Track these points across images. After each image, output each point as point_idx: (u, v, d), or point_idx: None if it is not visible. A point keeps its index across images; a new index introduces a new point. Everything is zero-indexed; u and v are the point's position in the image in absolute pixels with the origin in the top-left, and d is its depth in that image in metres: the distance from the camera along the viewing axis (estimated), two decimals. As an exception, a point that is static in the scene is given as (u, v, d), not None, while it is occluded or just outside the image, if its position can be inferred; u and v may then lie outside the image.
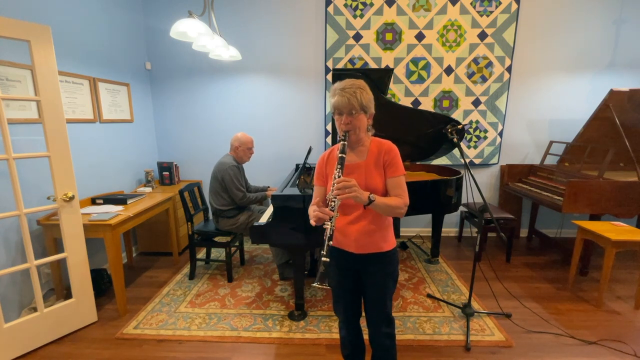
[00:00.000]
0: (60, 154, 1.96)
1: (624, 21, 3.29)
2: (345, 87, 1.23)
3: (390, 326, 1.43)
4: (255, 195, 2.80)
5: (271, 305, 2.43)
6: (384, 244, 1.35)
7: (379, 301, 1.39)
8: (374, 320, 1.43)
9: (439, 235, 3.14)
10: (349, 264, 1.38)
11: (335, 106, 1.26)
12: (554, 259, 3.21)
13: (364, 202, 1.19)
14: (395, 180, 1.30)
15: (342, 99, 1.23)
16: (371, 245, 1.33)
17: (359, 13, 3.31)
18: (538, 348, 1.96)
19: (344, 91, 1.22)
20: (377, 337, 1.44)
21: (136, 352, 1.95)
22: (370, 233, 1.32)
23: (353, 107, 1.23)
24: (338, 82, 1.28)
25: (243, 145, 2.76)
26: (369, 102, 1.27)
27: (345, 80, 1.27)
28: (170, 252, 3.21)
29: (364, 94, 1.24)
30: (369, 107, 1.27)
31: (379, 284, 1.37)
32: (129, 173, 3.25)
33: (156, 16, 3.40)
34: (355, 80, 1.27)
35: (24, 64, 2.11)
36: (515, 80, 3.44)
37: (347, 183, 1.15)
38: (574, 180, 2.67)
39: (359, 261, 1.36)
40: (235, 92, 3.56)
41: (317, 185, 1.42)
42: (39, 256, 2.04)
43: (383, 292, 1.38)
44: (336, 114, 1.28)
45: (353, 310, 1.49)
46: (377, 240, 1.33)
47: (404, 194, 1.30)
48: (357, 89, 1.23)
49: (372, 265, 1.36)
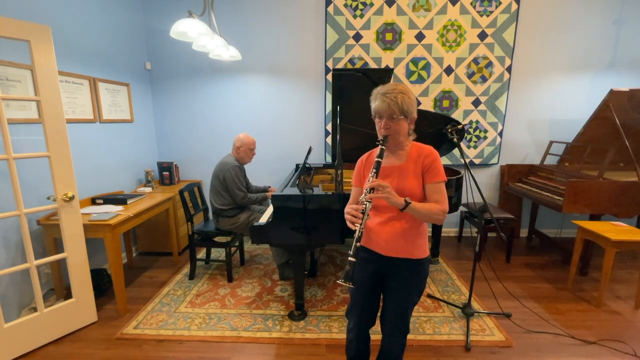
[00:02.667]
0: (60, 154, 1.96)
1: (624, 21, 3.29)
2: (387, 91, 1.23)
3: (405, 337, 1.40)
4: (257, 196, 2.79)
5: (271, 305, 2.43)
6: (415, 250, 1.30)
7: (399, 312, 1.35)
8: (390, 329, 1.39)
9: (439, 235, 3.13)
10: (375, 265, 1.34)
11: (375, 110, 1.26)
12: (554, 259, 3.21)
13: (400, 205, 1.18)
14: (434, 186, 1.27)
15: (382, 104, 1.22)
16: (401, 249, 1.29)
17: (359, 13, 3.31)
18: (538, 348, 1.97)
19: (385, 96, 1.22)
20: (390, 345, 1.41)
21: (136, 352, 1.95)
22: (402, 236, 1.28)
23: (393, 112, 1.22)
24: (381, 86, 1.27)
25: (245, 146, 2.75)
26: (410, 106, 1.24)
27: (388, 84, 1.27)
28: (170, 252, 3.21)
29: (405, 99, 1.23)
30: (410, 112, 1.25)
31: (403, 293, 1.33)
32: (129, 173, 3.25)
33: (156, 16, 3.40)
34: (398, 84, 1.27)
35: (24, 64, 2.11)
36: (515, 80, 3.44)
37: (381, 184, 1.15)
38: (574, 180, 2.67)
39: (386, 264, 1.32)
40: (235, 92, 3.56)
41: (354, 186, 1.42)
42: (39, 256, 2.04)
43: (405, 304, 1.34)
44: (376, 118, 1.28)
45: (367, 316, 1.45)
46: (408, 245, 1.29)
47: (444, 200, 1.26)
48: (399, 94, 1.22)
49: (399, 272, 1.32)
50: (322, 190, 2.39)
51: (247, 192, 2.81)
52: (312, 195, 2.06)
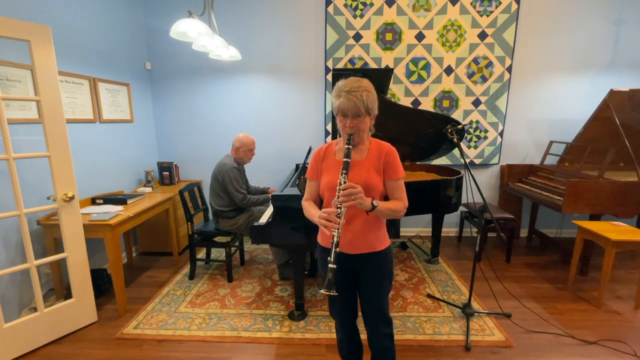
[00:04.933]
0: (60, 154, 1.96)
1: (624, 21, 3.29)
2: (351, 89, 1.19)
3: (388, 326, 1.42)
4: (257, 198, 2.77)
5: (271, 305, 2.43)
6: (378, 243, 1.34)
7: (375, 302, 1.39)
8: (371, 321, 1.42)
9: (439, 235, 3.14)
10: (345, 265, 1.36)
11: (340, 108, 1.23)
12: (554, 259, 3.21)
13: (368, 208, 1.19)
14: (395, 182, 1.30)
15: (348, 102, 1.19)
16: (366, 245, 1.33)
17: (359, 13, 3.31)
18: (538, 348, 1.96)
19: (350, 94, 1.19)
20: (376, 338, 1.43)
21: (136, 352, 1.95)
22: (365, 234, 1.31)
23: (359, 110, 1.20)
24: (343, 82, 1.23)
25: (244, 146, 2.75)
26: (373, 103, 1.24)
27: (351, 80, 1.22)
28: (170, 252, 3.21)
29: (370, 96, 1.21)
30: (373, 109, 1.25)
31: (374, 284, 1.37)
32: (129, 173, 3.25)
33: (156, 16, 3.40)
34: (361, 80, 1.22)
35: (24, 64, 2.11)
36: (515, 80, 3.44)
37: (354, 190, 1.14)
38: (574, 180, 2.67)
39: (354, 262, 1.35)
40: (235, 92, 3.56)
41: (310, 179, 1.41)
42: (39, 256, 2.04)
43: (379, 292, 1.38)
44: (339, 115, 1.26)
45: (349, 311, 1.48)
46: (371, 240, 1.33)
47: (404, 196, 1.31)
48: (364, 92, 1.20)
49: (367, 266, 1.36)
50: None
51: (247, 192, 2.80)
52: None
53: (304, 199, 1.44)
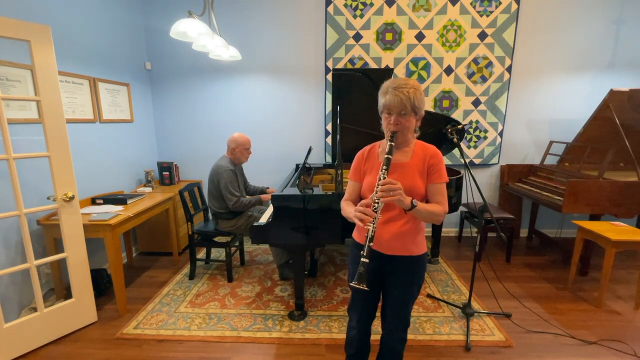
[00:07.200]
0: (60, 154, 1.96)
1: (624, 21, 3.29)
2: (399, 85, 1.18)
3: (405, 331, 1.41)
4: (249, 200, 2.72)
5: (271, 305, 2.43)
6: (414, 247, 1.31)
7: (401, 306, 1.36)
8: (392, 324, 1.39)
9: (439, 235, 3.13)
10: (376, 263, 1.33)
11: (386, 105, 1.21)
12: (554, 259, 3.21)
13: (407, 206, 1.16)
14: (437, 186, 1.27)
15: (394, 99, 1.17)
16: (402, 247, 1.30)
17: (359, 13, 3.31)
18: (538, 348, 1.97)
19: (398, 90, 1.17)
20: (391, 340, 1.41)
21: (136, 352, 1.95)
22: (403, 235, 1.29)
23: (405, 107, 1.18)
24: (391, 80, 1.22)
25: (240, 146, 2.73)
26: (421, 102, 1.22)
27: (399, 78, 1.22)
28: (170, 252, 3.21)
29: (417, 95, 1.19)
30: (420, 109, 1.23)
31: (403, 288, 1.34)
32: (129, 173, 3.25)
33: (156, 16, 3.40)
34: (409, 79, 1.22)
35: (24, 64, 2.11)
36: (515, 80, 3.44)
37: (393, 186, 1.12)
38: (574, 180, 2.67)
39: (387, 262, 1.32)
40: (235, 92, 3.56)
41: (352, 180, 1.39)
42: (39, 256, 2.04)
43: (406, 298, 1.35)
44: (385, 113, 1.24)
45: (369, 311, 1.46)
46: (408, 243, 1.30)
47: (445, 201, 1.27)
48: (412, 89, 1.18)
49: (400, 269, 1.33)
50: (322, 190, 2.39)
51: (245, 192, 2.78)
52: (312, 195, 2.06)
53: (344, 199, 1.41)
